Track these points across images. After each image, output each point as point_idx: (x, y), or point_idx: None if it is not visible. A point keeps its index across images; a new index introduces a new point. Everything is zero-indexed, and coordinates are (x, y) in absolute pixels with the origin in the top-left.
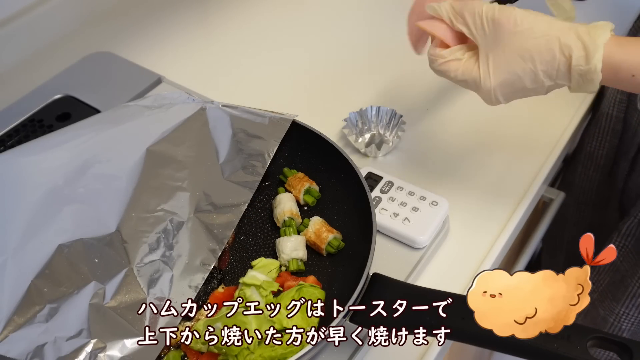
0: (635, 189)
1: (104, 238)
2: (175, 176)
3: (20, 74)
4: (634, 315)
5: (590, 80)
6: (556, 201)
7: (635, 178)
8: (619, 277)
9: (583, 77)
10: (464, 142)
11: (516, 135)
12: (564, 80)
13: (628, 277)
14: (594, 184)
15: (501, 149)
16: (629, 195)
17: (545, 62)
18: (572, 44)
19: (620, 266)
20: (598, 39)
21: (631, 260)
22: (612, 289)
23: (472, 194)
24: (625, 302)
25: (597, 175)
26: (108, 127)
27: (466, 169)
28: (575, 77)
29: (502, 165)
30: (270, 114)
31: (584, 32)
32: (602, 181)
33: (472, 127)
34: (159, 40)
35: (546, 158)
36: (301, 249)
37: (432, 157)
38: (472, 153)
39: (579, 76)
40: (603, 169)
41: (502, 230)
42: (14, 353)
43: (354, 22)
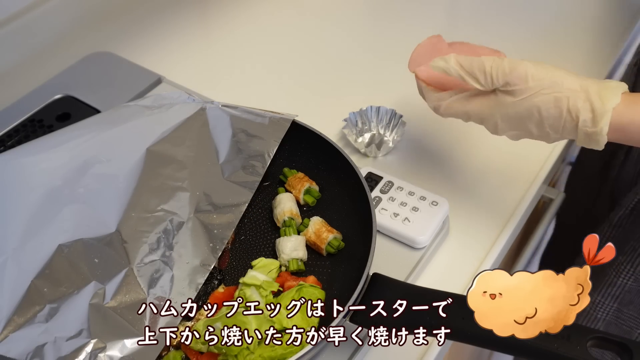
0: (627, 178)
1: (104, 238)
2: (175, 176)
3: (20, 74)
4: (609, 305)
5: (595, 141)
6: (556, 201)
7: (628, 167)
8: (600, 267)
9: (588, 137)
10: (464, 142)
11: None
12: (570, 135)
13: (607, 266)
14: (588, 172)
15: (501, 149)
16: (621, 183)
17: (553, 119)
18: (581, 106)
19: None
20: (608, 102)
21: (616, 250)
22: (593, 277)
23: (472, 194)
24: (602, 290)
25: (596, 165)
26: (108, 127)
27: (466, 169)
28: (581, 135)
29: (502, 165)
30: (270, 114)
31: (595, 94)
32: (595, 174)
33: (472, 127)
34: (159, 40)
35: (546, 158)
36: (301, 249)
37: (432, 157)
38: (472, 153)
39: (584, 135)
40: (600, 160)
41: (502, 230)
42: (14, 353)
43: (354, 22)
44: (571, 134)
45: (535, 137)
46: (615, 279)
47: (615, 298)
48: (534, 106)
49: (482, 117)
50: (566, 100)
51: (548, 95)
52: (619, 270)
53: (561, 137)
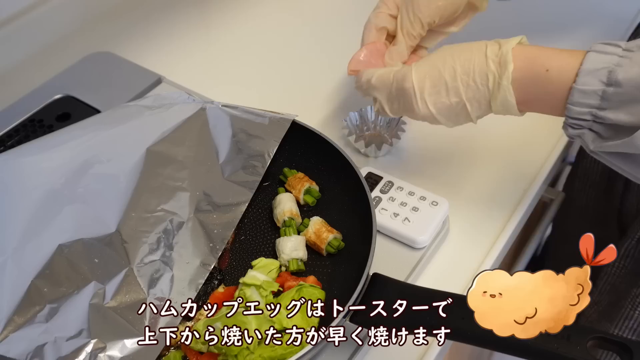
0: (631, 208)
1: (104, 238)
2: (175, 176)
3: (20, 74)
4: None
5: (505, 88)
6: (556, 201)
7: (631, 197)
8: (616, 299)
9: (497, 80)
10: (464, 142)
11: (516, 135)
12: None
13: (623, 298)
14: (591, 200)
15: (501, 149)
16: (626, 214)
17: (467, 76)
18: (483, 67)
19: (619, 287)
20: (507, 44)
21: (629, 281)
22: (609, 310)
23: (472, 194)
24: (619, 324)
25: (594, 192)
26: (108, 127)
27: (466, 169)
28: (494, 96)
29: (502, 165)
30: (270, 114)
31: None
32: (598, 198)
33: (472, 127)
34: (159, 40)
35: (546, 158)
36: (301, 249)
37: (432, 157)
38: (473, 153)
39: (493, 77)
40: (599, 185)
41: (502, 230)
42: (14, 353)
43: (354, 22)
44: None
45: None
46: (632, 312)
47: (634, 331)
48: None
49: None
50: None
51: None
52: (635, 303)
53: (479, 110)
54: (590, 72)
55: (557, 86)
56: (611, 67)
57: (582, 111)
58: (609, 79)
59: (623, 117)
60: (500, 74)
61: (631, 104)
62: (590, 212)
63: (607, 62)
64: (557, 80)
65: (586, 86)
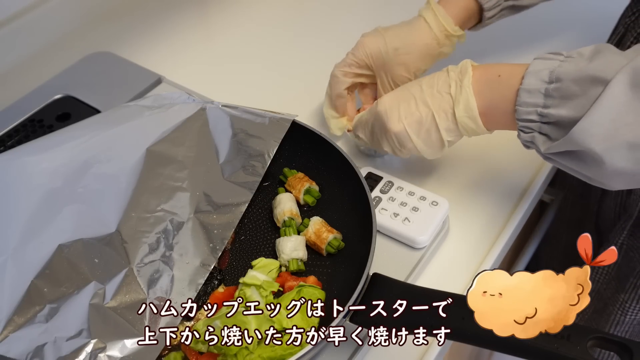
0: (609, 212)
1: (104, 238)
2: (175, 176)
3: (20, 74)
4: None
5: (467, 89)
6: (556, 201)
7: (609, 201)
8: (602, 305)
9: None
10: (464, 142)
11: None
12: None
13: (610, 304)
14: (568, 204)
15: (501, 149)
16: (604, 218)
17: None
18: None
19: (604, 294)
20: (464, 61)
21: (613, 287)
22: (596, 317)
23: (472, 194)
24: (610, 330)
25: (571, 195)
26: (108, 127)
27: (466, 169)
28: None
29: (502, 165)
30: (270, 114)
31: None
32: (575, 202)
33: None
34: (159, 40)
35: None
36: (301, 249)
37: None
38: (472, 153)
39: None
40: (576, 189)
41: (502, 230)
42: (14, 353)
43: (354, 21)
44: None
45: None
46: (622, 317)
47: (626, 336)
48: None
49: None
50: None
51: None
52: (624, 309)
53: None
54: (534, 73)
55: (507, 89)
56: (553, 68)
57: (529, 111)
58: (550, 77)
59: (564, 113)
60: (462, 79)
61: (570, 99)
62: (567, 215)
63: (549, 65)
64: (507, 84)
65: (531, 86)
